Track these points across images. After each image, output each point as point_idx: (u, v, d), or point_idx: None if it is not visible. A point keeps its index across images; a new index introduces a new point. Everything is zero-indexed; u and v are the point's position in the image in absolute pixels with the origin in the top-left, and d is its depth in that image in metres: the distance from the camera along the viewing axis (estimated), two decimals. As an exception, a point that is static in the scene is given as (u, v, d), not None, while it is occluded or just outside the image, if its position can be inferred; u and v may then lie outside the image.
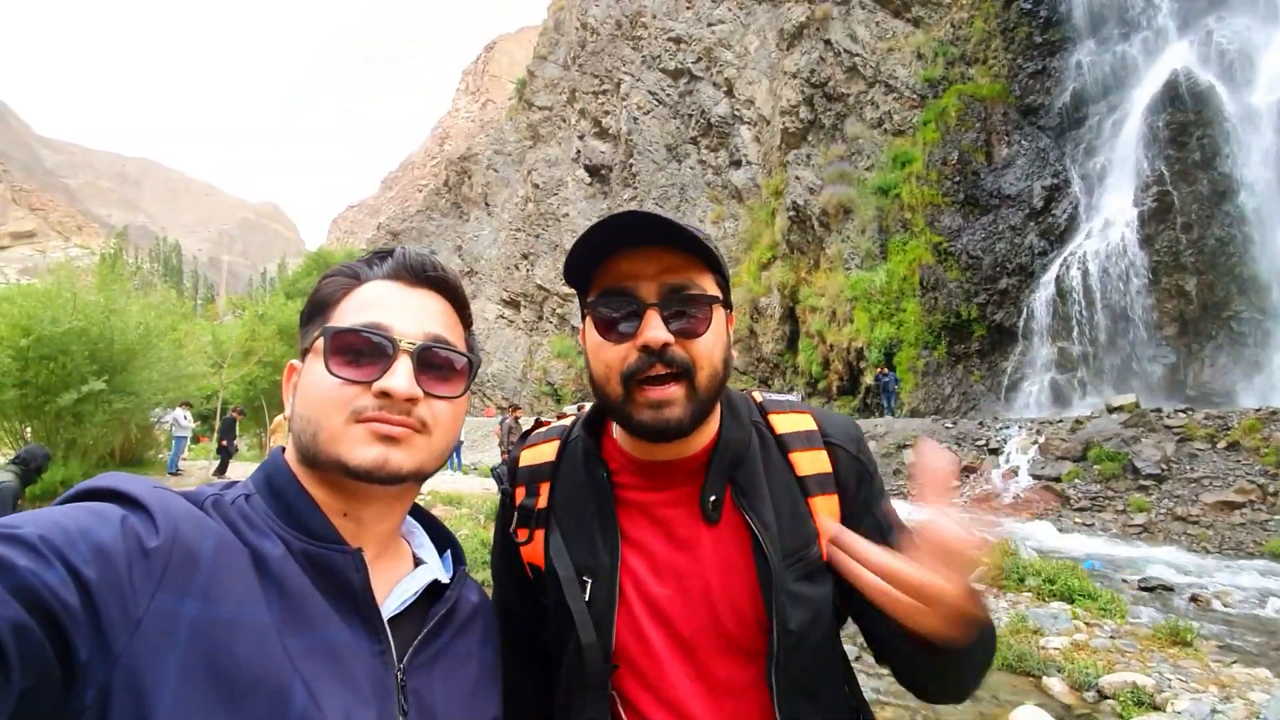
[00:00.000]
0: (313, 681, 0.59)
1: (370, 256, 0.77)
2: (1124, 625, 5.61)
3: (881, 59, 25.34)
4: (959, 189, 20.97)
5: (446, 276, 0.78)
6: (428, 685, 0.70)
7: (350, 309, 0.73)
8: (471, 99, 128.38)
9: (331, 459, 0.67)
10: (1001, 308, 19.62)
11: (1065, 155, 20.44)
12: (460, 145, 69.13)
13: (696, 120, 34.81)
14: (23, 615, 0.44)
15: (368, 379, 0.68)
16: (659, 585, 0.88)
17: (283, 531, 0.65)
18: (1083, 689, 4.40)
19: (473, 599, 0.82)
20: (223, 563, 0.58)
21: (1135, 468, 11.56)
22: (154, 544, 0.54)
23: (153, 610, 0.52)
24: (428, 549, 0.82)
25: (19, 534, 0.48)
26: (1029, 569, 6.74)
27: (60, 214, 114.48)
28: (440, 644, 0.73)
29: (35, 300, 11.57)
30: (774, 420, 0.98)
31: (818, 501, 0.92)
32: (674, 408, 0.83)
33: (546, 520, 0.95)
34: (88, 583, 0.49)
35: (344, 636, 0.64)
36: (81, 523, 0.52)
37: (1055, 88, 20.91)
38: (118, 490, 0.58)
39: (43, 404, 10.96)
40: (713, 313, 0.87)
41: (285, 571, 0.62)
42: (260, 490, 0.69)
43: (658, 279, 0.84)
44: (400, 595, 0.72)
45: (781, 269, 26.04)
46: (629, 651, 0.88)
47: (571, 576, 0.89)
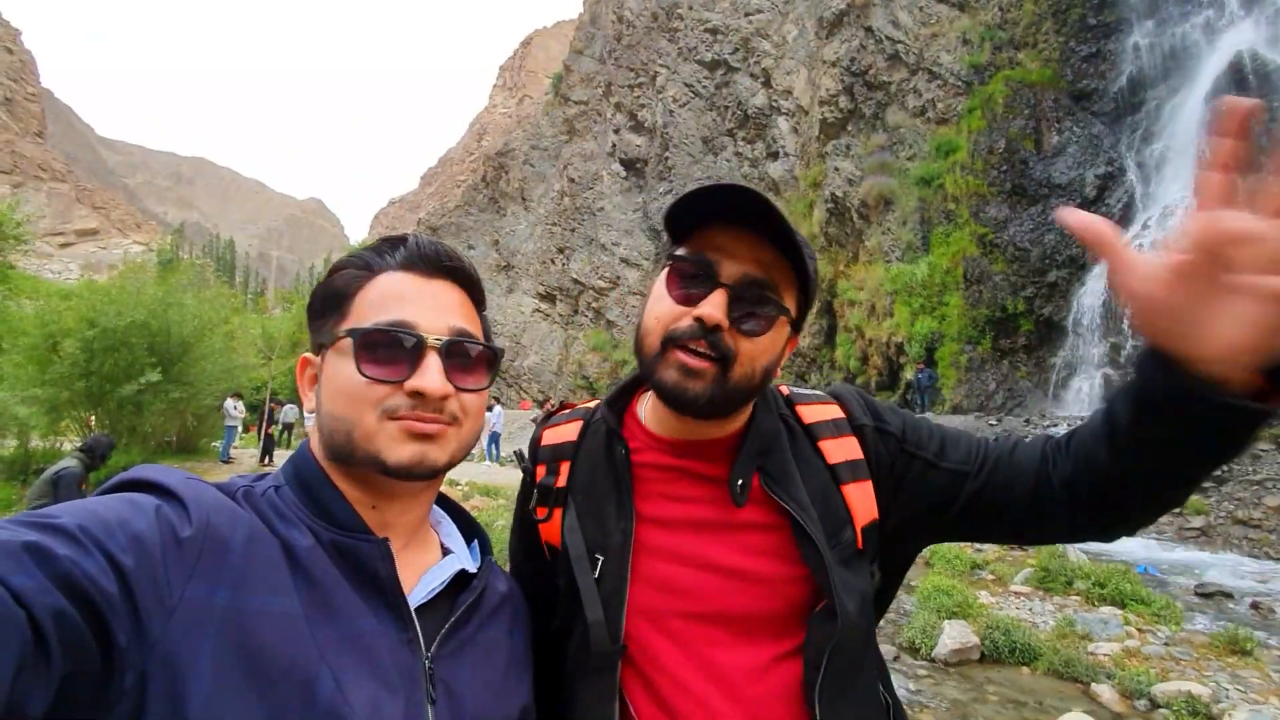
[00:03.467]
0: (340, 670, 0.59)
1: (380, 245, 0.76)
2: (1179, 632, 5.39)
3: (925, 45, 24.65)
4: (1006, 178, 20.30)
5: (461, 265, 0.78)
6: (456, 673, 0.70)
7: (370, 303, 0.72)
8: (509, 94, 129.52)
9: (368, 457, 0.68)
10: (1050, 301, 18.96)
11: (1120, 142, 19.60)
12: (497, 141, 69.87)
13: (733, 112, 34.44)
14: (63, 602, 0.45)
15: (399, 378, 0.69)
16: (677, 567, 0.86)
17: (311, 522, 0.67)
18: (1134, 697, 4.25)
19: (500, 588, 0.82)
20: (253, 552, 0.60)
21: (1193, 468, 11.07)
22: (187, 533, 0.56)
23: (187, 598, 0.54)
24: (455, 538, 0.82)
25: (59, 523, 0.49)
26: (1077, 571, 6.53)
27: (121, 212, 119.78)
28: (468, 632, 0.74)
29: (100, 295, 12.16)
30: (801, 411, 0.97)
31: (851, 489, 0.90)
32: (698, 381, 0.82)
33: (565, 499, 0.94)
34: (125, 570, 0.50)
35: (372, 625, 0.64)
36: (119, 512, 0.53)
37: (1110, 72, 20.05)
38: (152, 481, 0.59)
39: (106, 394, 11.51)
40: (775, 322, 0.86)
41: (314, 561, 0.63)
42: (289, 482, 0.71)
43: (744, 266, 0.83)
44: (428, 584, 0.73)
45: (819, 261, 25.44)
46: (640, 633, 0.85)
47: (582, 553, 0.87)
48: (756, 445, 0.90)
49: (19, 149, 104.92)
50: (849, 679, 0.85)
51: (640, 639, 0.85)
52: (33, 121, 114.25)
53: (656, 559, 0.87)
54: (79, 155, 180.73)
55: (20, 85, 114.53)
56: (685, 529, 0.88)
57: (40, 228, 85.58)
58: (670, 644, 0.84)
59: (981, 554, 7.96)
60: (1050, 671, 4.71)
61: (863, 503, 0.90)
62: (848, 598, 0.83)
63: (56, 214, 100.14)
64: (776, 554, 0.86)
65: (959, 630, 5.08)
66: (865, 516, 0.90)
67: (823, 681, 0.81)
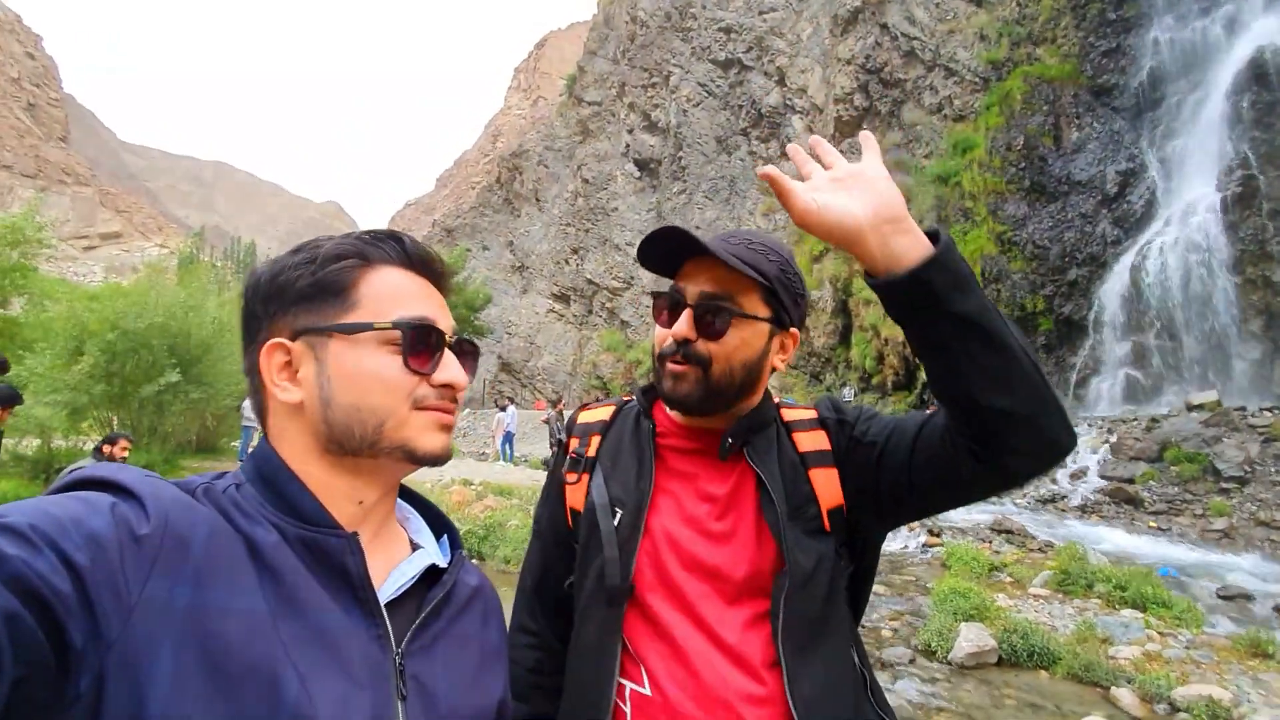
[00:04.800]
0: (306, 668, 0.58)
1: (368, 236, 0.75)
2: (1200, 635, 5.31)
3: (941, 41, 24.42)
4: (1024, 175, 20.05)
5: (445, 267, 0.80)
6: (428, 669, 0.69)
7: (382, 297, 0.71)
8: (523, 96, 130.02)
9: (397, 445, 0.70)
10: (1070, 300, 18.70)
11: (1141, 138, 19.28)
12: (512, 142, 70.11)
13: (747, 111, 34.32)
14: (14, 604, 0.44)
15: (424, 370, 0.72)
16: (680, 527, 1.03)
17: (275, 518, 0.65)
18: (1154, 701, 4.19)
19: (471, 582, 0.82)
20: (215, 549, 0.58)
21: (1216, 469, 10.87)
22: (145, 531, 0.54)
23: (145, 597, 0.52)
24: (425, 534, 0.82)
25: (8, 522, 0.48)
26: (1097, 574, 6.44)
27: (143, 215, 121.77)
28: (439, 627, 0.73)
29: (123, 298, 12.37)
30: (784, 413, 1.15)
31: (817, 474, 1.05)
32: (684, 384, 1.01)
33: (592, 466, 1.12)
34: (80, 570, 0.48)
35: (340, 621, 0.63)
36: (72, 510, 0.51)
37: (1130, 67, 19.73)
38: (107, 479, 0.58)
39: (128, 395, 11.70)
40: (738, 323, 1.01)
41: (279, 557, 0.62)
42: (251, 479, 0.69)
43: (701, 286, 1.02)
44: (397, 580, 0.72)
45: (834, 261, 25.47)
46: (644, 579, 1.01)
47: (605, 504, 1.06)
48: (750, 420, 1.07)
49: (43, 153, 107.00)
50: (813, 638, 0.98)
51: (644, 583, 1.01)
52: (56, 126, 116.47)
53: (665, 517, 1.04)
54: (102, 160, 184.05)
55: (43, 90, 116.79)
56: (690, 497, 1.05)
57: (64, 231, 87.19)
58: (667, 591, 1.00)
59: (1000, 556, 7.87)
60: (1070, 675, 4.65)
61: (827, 487, 1.05)
62: (802, 556, 0.98)
63: (80, 217, 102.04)
64: (753, 521, 1.02)
65: (976, 633, 5.03)
66: (830, 500, 1.04)
67: (784, 633, 0.95)
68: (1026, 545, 8.76)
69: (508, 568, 7.44)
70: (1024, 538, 9.14)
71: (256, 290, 0.73)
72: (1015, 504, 12.08)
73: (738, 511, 1.03)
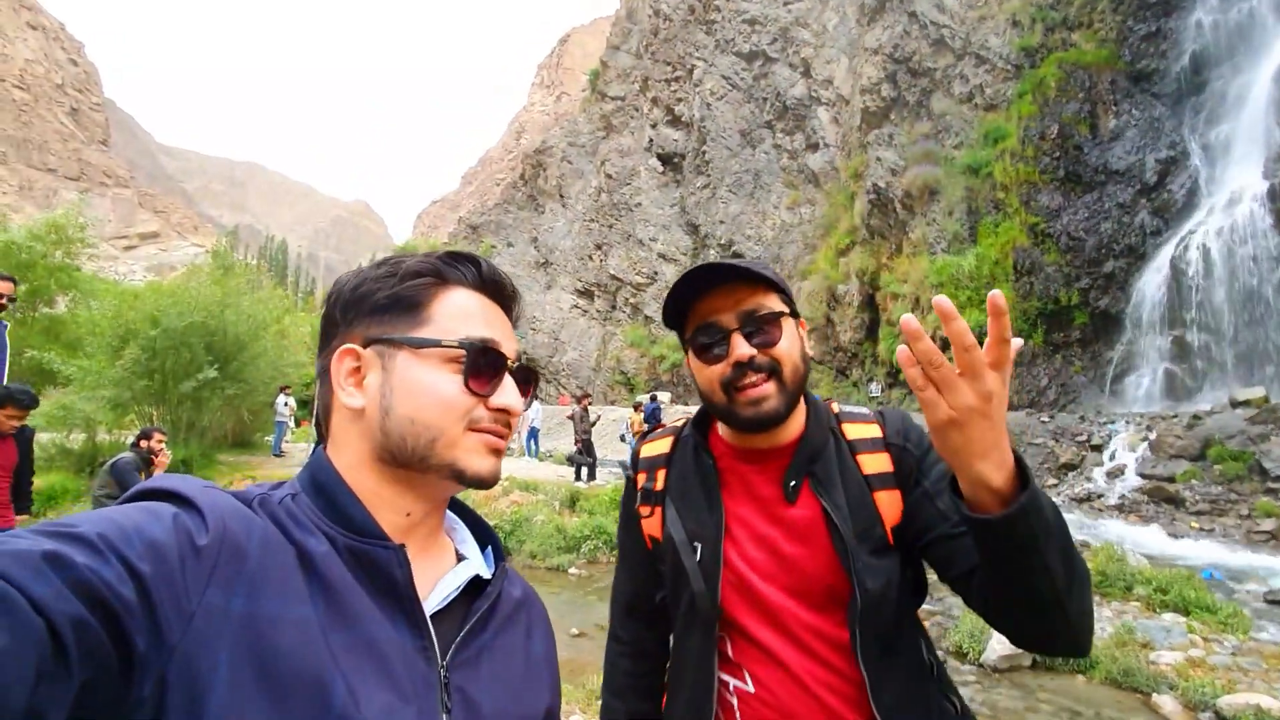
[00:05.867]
0: (353, 678, 0.59)
1: (448, 258, 0.78)
2: (1247, 641, 5.11)
3: (972, 29, 23.87)
4: (1059, 165, 19.53)
5: (517, 295, 0.83)
6: (473, 681, 0.70)
7: (453, 316, 0.74)
8: (546, 92, 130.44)
9: (446, 464, 0.71)
10: (1107, 293, 18.19)
11: (1183, 125, 18.65)
12: (535, 139, 70.42)
13: (771, 103, 33.97)
14: (81, 610, 0.46)
15: (484, 392, 0.73)
16: (755, 550, 1.10)
17: (327, 528, 0.66)
18: (1198, 709, 4.05)
19: (515, 594, 0.82)
20: (269, 559, 0.59)
21: (1263, 468, 10.48)
22: (204, 541, 0.56)
23: (204, 605, 0.54)
24: (470, 545, 0.83)
25: (78, 532, 0.50)
26: (1137, 576, 6.24)
27: (179, 215, 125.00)
28: (484, 639, 0.74)
29: (164, 296, 12.74)
30: (846, 428, 1.17)
31: (881, 495, 1.10)
32: (770, 401, 1.05)
33: (663, 499, 1.19)
34: (143, 577, 0.50)
35: (387, 633, 0.64)
36: (137, 521, 0.54)
37: (1171, 51, 19.07)
38: (170, 490, 0.60)
39: (168, 390, 12.05)
40: (783, 323, 1.08)
41: (330, 567, 0.63)
42: (306, 489, 0.70)
43: (735, 309, 1.07)
44: (442, 591, 0.73)
45: (861, 255, 25.12)
46: (729, 603, 1.09)
47: (685, 540, 1.13)
48: (807, 453, 1.11)
49: (85, 156, 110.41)
50: (888, 641, 1.05)
51: (730, 605, 1.10)
52: (97, 130, 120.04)
53: (740, 544, 1.11)
54: (140, 162, 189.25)
55: (85, 96, 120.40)
56: (759, 520, 1.11)
57: (105, 231, 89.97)
58: (753, 610, 1.09)
59: (1033, 556, 7.69)
60: (1108, 680, 4.52)
61: (891, 507, 1.09)
62: (870, 579, 1.03)
63: (120, 218, 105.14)
64: (817, 542, 1.07)
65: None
66: (893, 518, 1.09)
67: (862, 642, 1.03)
68: (1061, 545, 8.55)
69: (533, 562, 7.48)
70: (1059, 537, 8.92)
71: (339, 298, 0.76)
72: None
73: (807, 536, 1.08)
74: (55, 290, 13.79)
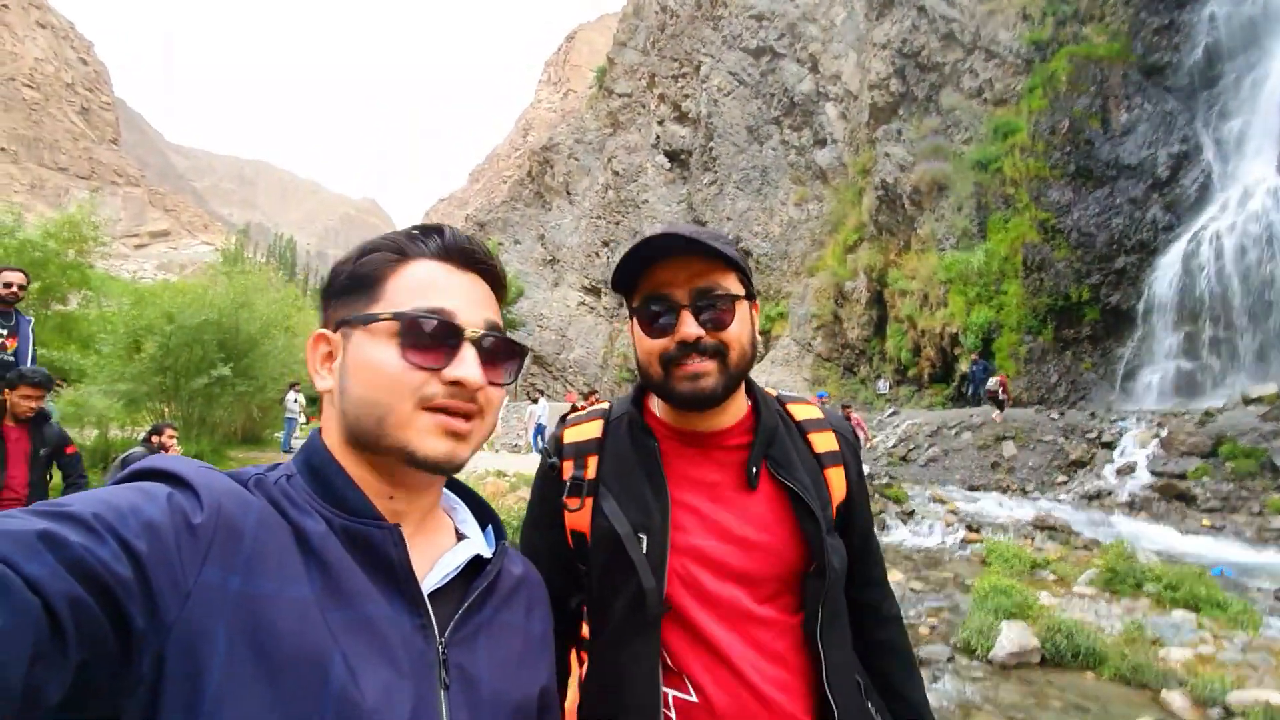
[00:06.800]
0: (352, 656, 0.59)
1: (411, 232, 0.76)
2: (1257, 638, 5.09)
3: (981, 23, 23.67)
4: (1070, 160, 19.34)
5: (493, 262, 0.79)
6: (471, 658, 0.70)
7: (406, 289, 0.72)
8: (553, 89, 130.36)
9: (397, 445, 0.68)
10: (1118, 289, 18.02)
11: (1196, 119, 18.43)
12: (542, 136, 70.39)
13: (779, 100, 33.82)
14: (77, 589, 0.46)
15: (437, 366, 0.70)
16: (705, 538, 1.03)
17: (323, 509, 0.67)
18: (1207, 705, 4.04)
19: (516, 571, 0.82)
20: (264, 538, 0.60)
21: (1275, 466, 10.40)
22: (199, 520, 0.56)
23: (200, 583, 0.54)
24: (470, 524, 0.82)
25: (72, 511, 0.50)
26: (1147, 573, 6.22)
27: (189, 214, 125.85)
28: (483, 617, 0.73)
29: (179, 295, 12.87)
30: (791, 409, 1.17)
31: (830, 472, 1.11)
32: (708, 379, 1.00)
33: (596, 489, 1.07)
34: (139, 555, 0.51)
35: (384, 611, 0.64)
36: (131, 500, 0.54)
37: (1184, 44, 18.84)
38: (164, 470, 0.60)
39: (180, 387, 12.17)
40: (736, 306, 1.03)
41: (326, 547, 0.63)
42: (301, 470, 0.71)
43: (688, 284, 1.01)
44: (442, 570, 0.73)
45: (869, 251, 25.01)
46: (677, 599, 1.01)
47: (629, 532, 1.01)
48: (764, 438, 1.08)
49: (96, 155, 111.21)
50: (836, 621, 1.06)
51: (678, 600, 1.01)
52: (108, 129, 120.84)
53: (690, 534, 1.03)
54: (150, 160, 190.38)
55: (96, 95, 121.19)
56: (711, 505, 1.05)
57: (117, 230, 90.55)
58: (700, 603, 1.01)
59: (1043, 553, 7.68)
60: (1117, 677, 4.52)
61: (838, 484, 1.11)
62: (835, 558, 1.03)
63: (131, 217, 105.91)
64: (779, 525, 1.03)
65: (1018, 632, 4.91)
66: (839, 495, 1.11)
67: (821, 625, 1.01)
68: (1071, 543, 8.52)
69: (542, 559, 7.51)
70: (1068, 535, 8.89)
71: (322, 286, 0.78)
72: (1059, 500, 11.75)
73: (770, 521, 1.04)
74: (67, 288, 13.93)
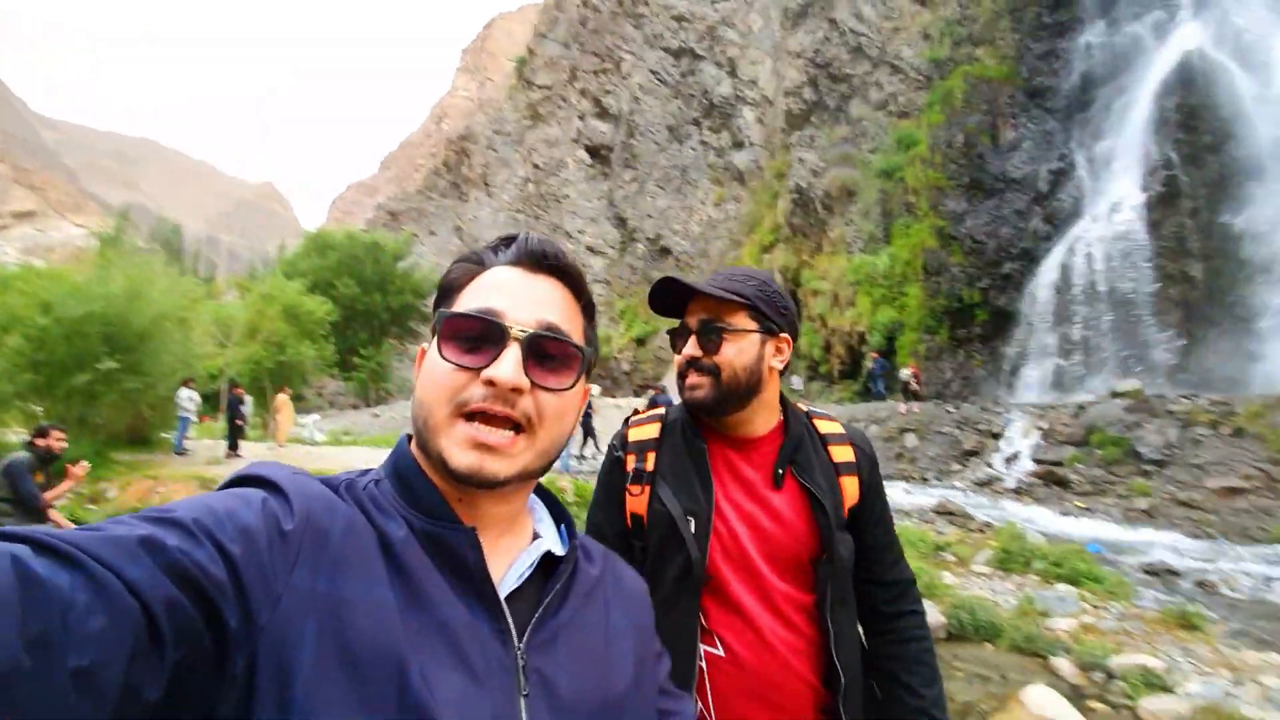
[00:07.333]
0: (428, 662, 0.60)
1: (497, 243, 0.78)
2: (1130, 607, 5.67)
3: (887, 39, 25.03)
4: (964, 172, 20.80)
5: (566, 264, 0.77)
6: (551, 663, 0.68)
7: (471, 294, 0.73)
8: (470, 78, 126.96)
9: (437, 452, 0.67)
10: (1004, 292, 19.56)
11: (1072, 139, 20.26)
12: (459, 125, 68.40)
13: (699, 101, 34.46)
14: (173, 591, 0.48)
15: (477, 366, 0.67)
16: (740, 525, 1.26)
17: (406, 513, 0.67)
18: (1091, 670, 4.45)
19: (593, 570, 0.80)
20: (350, 543, 0.61)
21: (1137, 452, 11.61)
22: (289, 526, 0.59)
23: (291, 587, 0.56)
24: (546, 522, 0.81)
25: (174, 517, 0.53)
26: (1035, 552, 6.79)
27: (59, 192, 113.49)
28: (562, 618, 0.72)
29: (54, 282, 11.54)
30: (817, 424, 1.40)
31: (845, 480, 1.33)
32: (700, 391, 1.27)
33: (654, 479, 1.32)
34: (234, 559, 0.53)
35: (462, 615, 0.64)
36: (228, 506, 0.57)
37: (1063, 69, 20.67)
38: (261, 476, 0.63)
39: (54, 384, 10.96)
40: (731, 337, 1.27)
41: (407, 551, 0.64)
42: (389, 475, 0.71)
43: (697, 316, 1.30)
44: (516, 570, 0.72)
45: (784, 252, 25.95)
46: (717, 569, 1.24)
47: (681, 514, 1.26)
48: (790, 446, 1.31)
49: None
50: (842, 601, 1.27)
51: (717, 572, 1.25)
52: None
53: (727, 519, 1.27)
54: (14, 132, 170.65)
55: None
56: (745, 499, 1.29)
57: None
58: (735, 575, 1.24)
59: (944, 537, 8.21)
60: (1013, 647, 4.90)
61: (851, 490, 1.33)
62: (842, 549, 1.26)
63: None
64: (799, 518, 1.26)
65: (927, 610, 5.23)
66: (852, 500, 1.33)
67: (830, 604, 1.23)
68: (967, 526, 9.17)
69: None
70: (964, 519, 9.57)
71: None
72: (956, 486, 12.63)
73: (790, 514, 1.28)
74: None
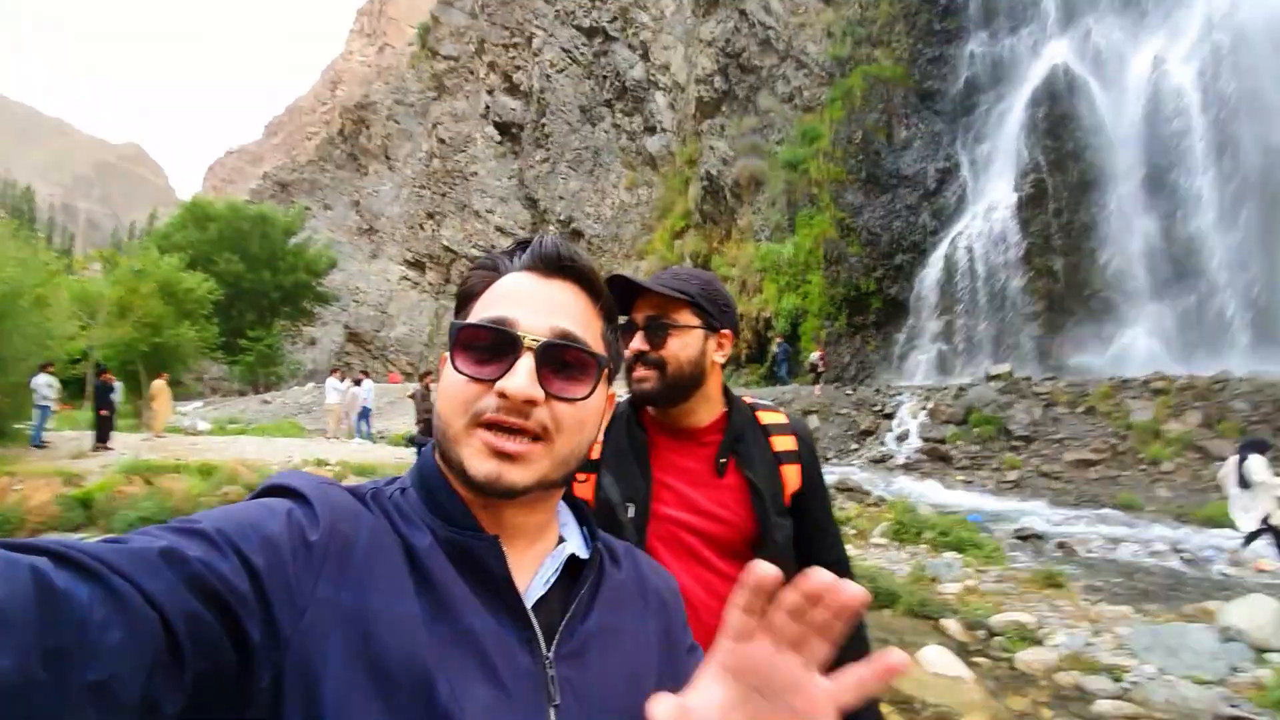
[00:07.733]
0: (455, 673, 0.58)
1: (513, 247, 0.76)
2: (1006, 570, 6.32)
3: (794, 34, 25.84)
4: (862, 167, 21.95)
5: (582, 265, 0.74)
6: (580, 672, 0.66)
7: (485, 303, 0.71)
8: (367, 41, 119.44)
9: (457, 462, 0.66)
10: (896, 282, 20.92)
11: (957, 140, 21.83)
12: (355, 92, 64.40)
13: (611, 82, 34.22)
14: (194, 603, 0.47)
15: (491, 377, 0.66)
16: (680, 511, 1.33)
17: (431, 522, 0.66)
18: (975, 628, 4.95)
19: (619, 573, 0.78)
20: (376, 553, 0.60)
21: (1008, 430, 12.86)
22: (315, 536, 0.57)
23: (315, 599, 0.55)
24: (570, 526, 0.79)
25: (198, 528, 0.52)
26: (925, 523, 7.41)
27: None
28: (590, 624, 0.70)
29: None
30: (760, 415, 1.46)
31: (786, 469, 1.40)
32: (646, 383, 1.33)
33: (597, 467, 1.38)
34: (257, 570, 0.52)
35: (488, 625, 0.62)
36: (253, 516, 0.56)
37: (951, 75, 22.17)
38: (287, 486, 0.62)
39: None
40: (676, 333, 1.34)
41: (432, 560, 0.63)
42: (414, 483, 0.70)
43: (644, 312, 1.36)
44: (542, 576, 0.70)
45: (694, 238, 26.44)
46: (655, 551, 1.28)
47: (619, 501, 1.32)
48: (732, 435, 1.38)
49: None
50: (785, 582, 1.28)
51: (656, 554, 1.27)
52: None
53: (668, 505, 1.34)
54: None
55: None
56: (684, 485, 1.35)
57: None
58: (673, 557, 1.29)
59: (845, 511, 8.78)
60: (908, 612, 5.35)
61: (792, 478, 1.41)
62: (778, 534, 1.34)
63: None
64: (740, 505, 1.33)
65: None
66: (793, 486, 1.40)
67: None
68: (865, 501, 9.86)
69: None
70: (863, 495, 10.27)
71: None
72: (854, 464, 13.48)
73: (731, 501, 1.35)
74: None
